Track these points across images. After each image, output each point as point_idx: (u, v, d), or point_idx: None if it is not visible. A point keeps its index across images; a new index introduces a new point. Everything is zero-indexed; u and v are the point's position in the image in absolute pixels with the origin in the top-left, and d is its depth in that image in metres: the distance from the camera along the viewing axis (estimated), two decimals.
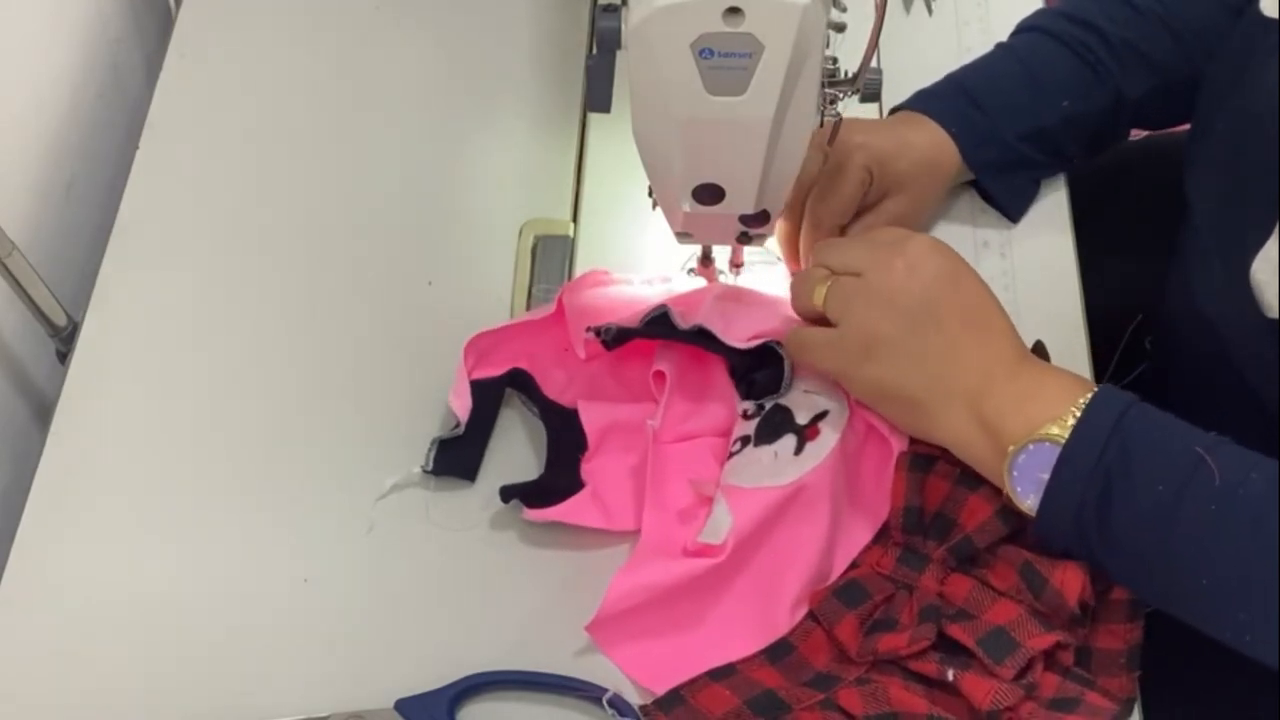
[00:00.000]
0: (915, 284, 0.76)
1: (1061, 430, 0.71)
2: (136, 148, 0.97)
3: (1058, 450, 0.71)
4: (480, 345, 0.86)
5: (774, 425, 0.81)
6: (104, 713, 0.76)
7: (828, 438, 0.80)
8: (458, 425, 0.84)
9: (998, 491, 0.76)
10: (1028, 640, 0.72)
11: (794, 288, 0.82)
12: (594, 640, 0.76)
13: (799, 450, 0.80)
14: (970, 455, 0.76)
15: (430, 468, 0.83)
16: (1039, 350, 0.83)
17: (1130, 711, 0.74)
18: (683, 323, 0.82)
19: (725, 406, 0.84)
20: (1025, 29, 0.94)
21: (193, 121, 0.99)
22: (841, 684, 0.75)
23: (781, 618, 0.77)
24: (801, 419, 0.81)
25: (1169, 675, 0.77)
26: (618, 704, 0.74)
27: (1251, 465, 0.69)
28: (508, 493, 0.81)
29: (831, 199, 0.86)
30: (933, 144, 0.89)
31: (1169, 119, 0.94)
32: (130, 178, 0.96)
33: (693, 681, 0.75)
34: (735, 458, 0.81)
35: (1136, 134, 0.97)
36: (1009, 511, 0.75)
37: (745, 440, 0.81)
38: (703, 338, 0.82)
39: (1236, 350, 0.79)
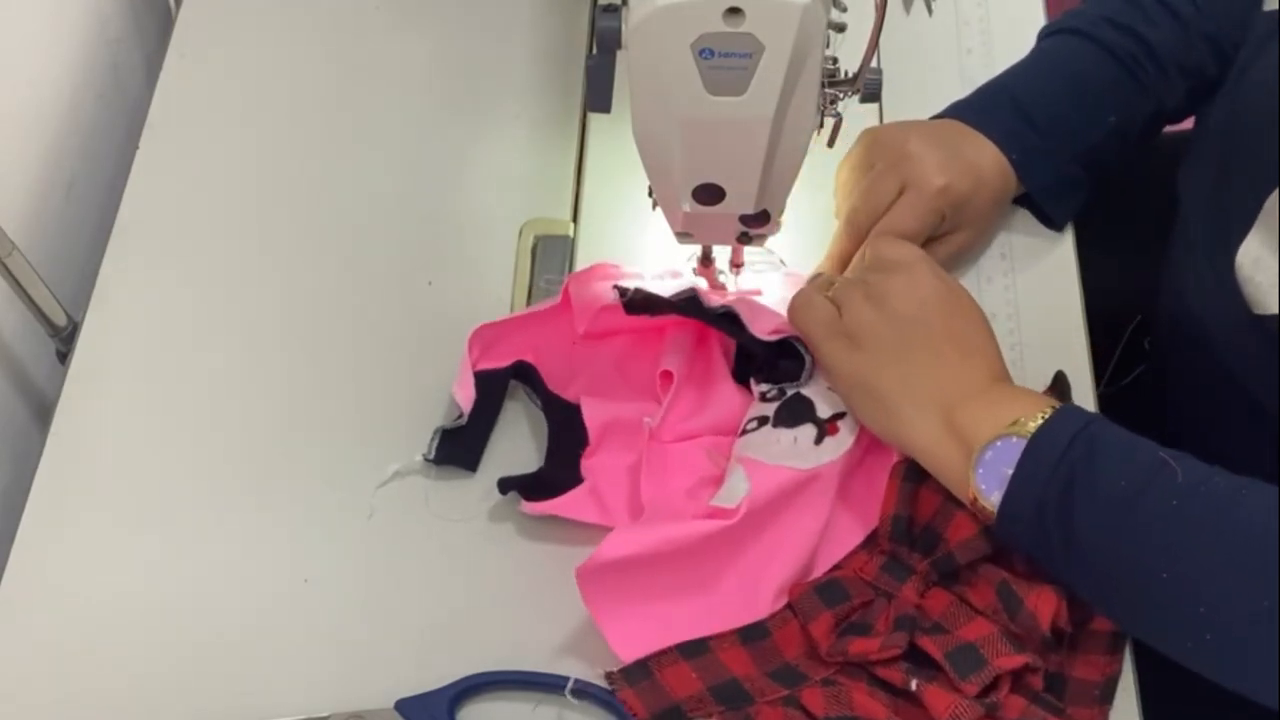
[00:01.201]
0: (911, 298, 0.78)
1: (1028, 427, 0.72)
2: (136, 148, 0.98)
3: (1023, 444, 0.72)
4: (485, 336, 0.86)
5: (795, 412, 0.81)
6: (103, 713, 0.76)
7: (845, 437, 0.80)
8: (461, 415, 0.84)
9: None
10: (995, 659, 0.72)
11: (812, 278, 0.85)
12: (581, 591, 0.75)
13: (819, 441, 0.80)
14: (935, 462, 0.76)
15: (432, 456, 0.83)
16: (1060, 381, 0.84)
17: None
18: (709, 304, 0.82)
19: (728, 407, 0.84)
20: (1066, 30, 0.92)
21: (193, 121, 0.99)
22: (807, 683, 0.75)
23: (763, 603, 0.78)
24: (823, 413, 0.81)
25: (1168, 674, 0.77)
26: (586, 690, 0.74)
27: (1215, 472, 0.69)
28: (506, 484, 0.81)
29: (898, 236, 0.86)
30: (999, 174, 0.89)
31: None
32: (130, 178, 0.96)
33: (661, 655, 0.75)
34: (751, 434, 0.81)
35: None
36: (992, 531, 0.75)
37: (763, 420, 0.81)
38: (727, 321, 0.82)
39: (1224, 347, 0.79)
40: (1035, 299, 0.91)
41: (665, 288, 0.86)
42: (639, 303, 0.82)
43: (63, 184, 1.01)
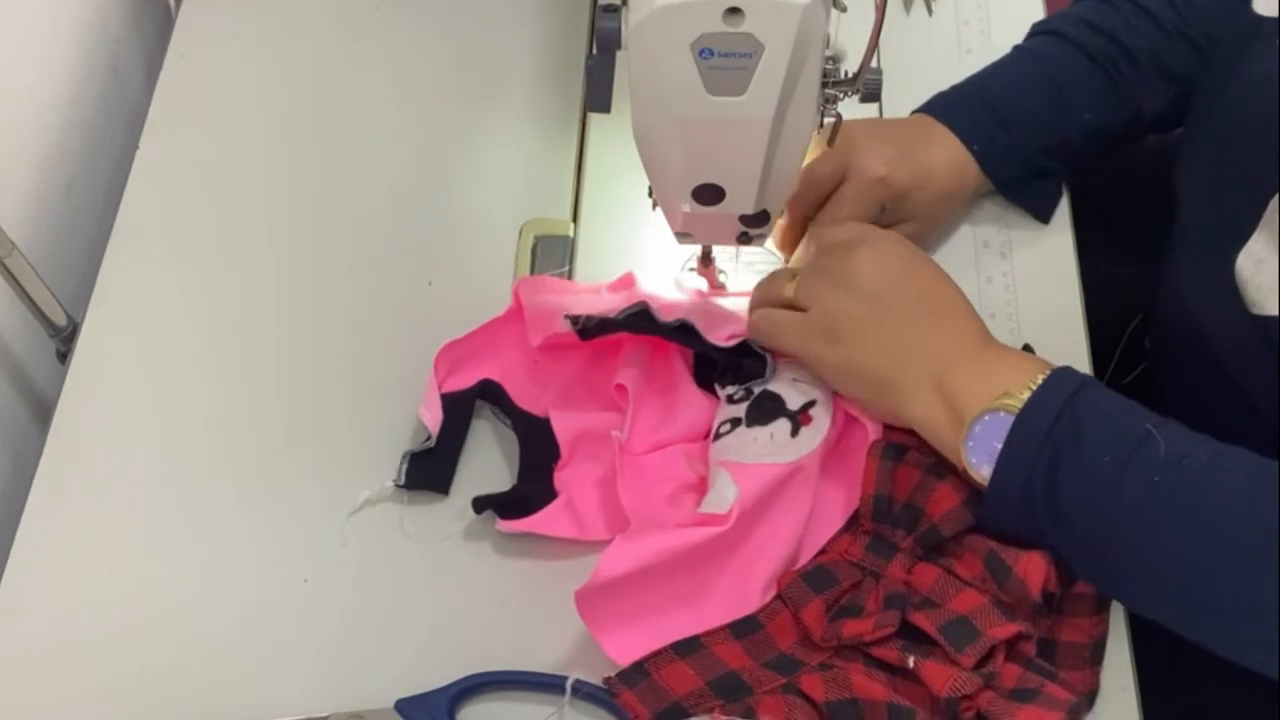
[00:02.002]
0: (877, 269, 0.79)
1: (1017, 401, 0.73)
2: (136, 148, 0.98)
3: (1011, 419, 0.72)
4: (451, 356, 0.86)
5: (765, 409, 0.81)
6: (103, 712, 0.76)
7: (820, 424, 0.81)
8: (429, 438, 0.84)
9: (966, 481, 0.76)
10: (989, 629, 0.73)
11: (761, 284, 0.84)
12: (580, 613, 0.75)
13: (795, 433, 0.80)
14: (933, 432, 0.77)
15: (402, 482, 0.83)
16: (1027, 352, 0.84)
17: (1091, 705, 0.75)
18: (663, 318, 0.82)
19: (695, 413, 0.84)
20: (1046, 32, 0.93)
21: (193, 121, 0.99)
22: (804, 669, 0.75)
23: (753, 597, 0.78)
24: (793, 405, 0.81)
25: (1165, 665, 0.77)
26: (584, 689, 0.75)
27: (1199, 442, 0.70)
28: (480, 504, 0.81)
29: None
30: (953, 169, 0.89)
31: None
32: (130, 178, 0.96)
33: (656, 655, 0.75)
34: (726, 437, 0.81)
35: None
36: (976, 500, 0.76)
37: (735, 421, 0.81)
38: (683, 333, 0.82)
39: (1222, 347, 0.79)
40: (1035, 299, 0.91)
41: (616, 301, 0.85)
42: (593, 329, 0.82)
43: (63, 184, 1.01)
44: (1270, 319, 0.73)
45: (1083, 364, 0.88)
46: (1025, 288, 0.91)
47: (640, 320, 0.83)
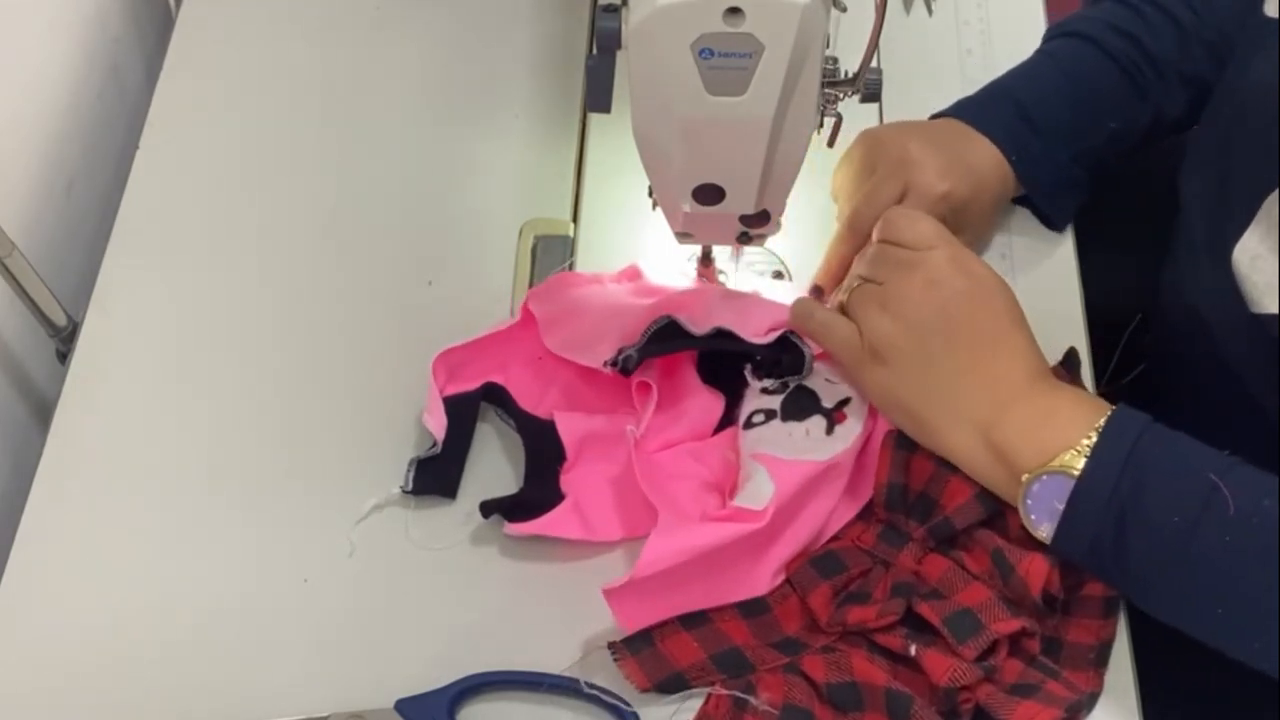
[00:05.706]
0: (930, 301, 0.76)
1: (1075, 462, 0.72)
2: (136, 148, 0.98)
3: (1072, 482, 0.72)
4: (450, 360, 0.85)
5: (801, 405, 0.81)
6: (103, 712, 0.76)
7: (853, 423, 0.81)
8: (434, 444, 0.84)
9: None
10: (992, 624, 0.73)
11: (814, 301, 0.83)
12: (612, 608, 0.75)
13: (830, 430, 0.80)
14: (979, 476, 0.76)
15: (409, 488, 0.83)
16: (1071, 358, 0.84)
17: (1093, 706, 0.75)
18: (695, 328, 0.82)
19: (701, 410, 0.84)
20: (1070, 34, 0.92)
21: (193, 121, 0.99)
22: (807, 651, 0.76)
23: (762, 580, 0.78)
24: (828, 402, 0.82)
25: (1167, 671, 0.77)
26: (586, 690, 0.75)
27: (1265, 492, 0.69)
28: (487, 508, 0.81)
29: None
30: (999, 178, 0.89)
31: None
32: (130, 178, 0.96)
33: (662, 625, 0.76)
34: (761, 428, 0.81)
35: None
36: (988, 495, 0.76)
37: (770, 414, 0.81)
38: (721, 339, 0.82)
39: (1224, 344, 0.79)
40: (1035, 299, 0.90)
41: (623, 294, 0.85)
42: (633, 367, 0.82)
43: (63, 184, 1.01)
44: (1270, 316, 0.73)
45: (1083, 364, 0.87)
46: (1025, 288, 0.91)
47: (675, 336, 0.82)
